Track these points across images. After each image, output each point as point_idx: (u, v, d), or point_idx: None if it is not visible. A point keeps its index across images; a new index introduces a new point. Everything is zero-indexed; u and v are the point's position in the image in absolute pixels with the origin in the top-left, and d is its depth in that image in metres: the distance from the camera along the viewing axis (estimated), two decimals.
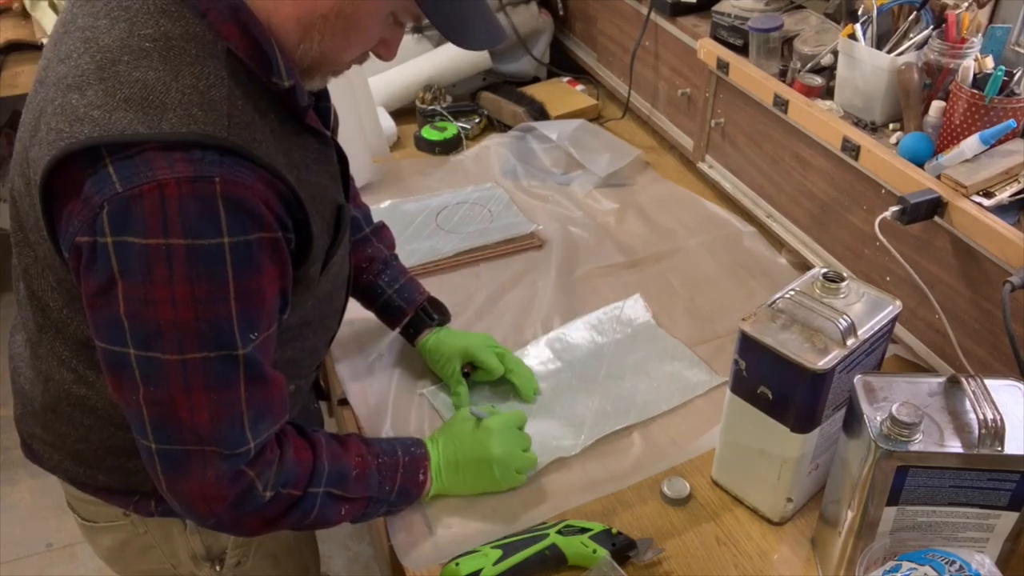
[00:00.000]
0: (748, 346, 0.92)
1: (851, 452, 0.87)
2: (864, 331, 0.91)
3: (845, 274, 0.95)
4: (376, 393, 1.20)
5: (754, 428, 0.95)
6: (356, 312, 1.22)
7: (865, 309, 0.93)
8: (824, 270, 0.96)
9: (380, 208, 1.56)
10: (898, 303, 0.95)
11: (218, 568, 1.06)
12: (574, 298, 1.37)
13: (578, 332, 1.29)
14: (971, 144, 1.07)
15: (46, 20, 2.15)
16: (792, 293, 0.94)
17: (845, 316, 0.90)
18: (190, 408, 0.76)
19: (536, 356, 1.25)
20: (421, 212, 1.56)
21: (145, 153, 0.70)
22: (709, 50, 1.48)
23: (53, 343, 0.87)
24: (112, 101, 0.70)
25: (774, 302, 0.94)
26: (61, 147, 0.71)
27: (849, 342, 0.89)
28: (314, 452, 0.89)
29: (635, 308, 1.34)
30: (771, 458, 0.96)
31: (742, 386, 0.95)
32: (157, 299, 0.72)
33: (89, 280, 0.73)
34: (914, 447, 0.81)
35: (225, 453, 0.79)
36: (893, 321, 0.95)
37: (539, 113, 1.82)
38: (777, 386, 0.92)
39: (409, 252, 1.43)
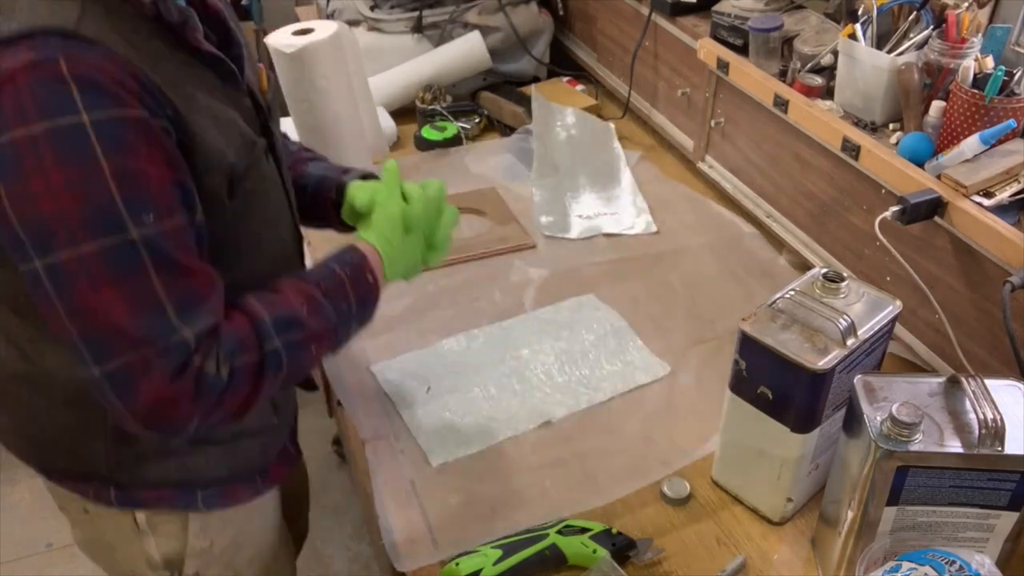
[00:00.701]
0: (748, 346, 0.92)
1: (851, 452, 0.87)
2: (864, 331, 0.91)
3: (845, 274, 0.95)
4: (371, 390, 1.20)
5: (754, 428, 0.95)
6: None
7: (865, 309, 0.93)
8: (824, 270, 0.96)
9: None
10: (898, 303, 0.95)
11: None
12: (570, 296, 1.37)
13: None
14: (971, 144, 1.07)
15: None
16: (792, 293, 0.94)
17: (845, 316, 0.90)
18: (105, 308, 0.73)
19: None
20: None
21: None
22: (709, 50, 1.48)
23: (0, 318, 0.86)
24: None
25: (774, 302, 0.94)
26: None
27: (849, 342, 0.89)
28: (247, 312, 0.83)
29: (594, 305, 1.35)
30: (771, 458, 0.96)
31: (742, 386, 0.95)
32: (36, 192, 0.70)
33: None
34: (914, 447, 0.81)
35: (160, 348, 0.75)
36: (893, 321, 0.95)
37: None
38: (777, 386, 0.92)
39: None
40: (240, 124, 0.87)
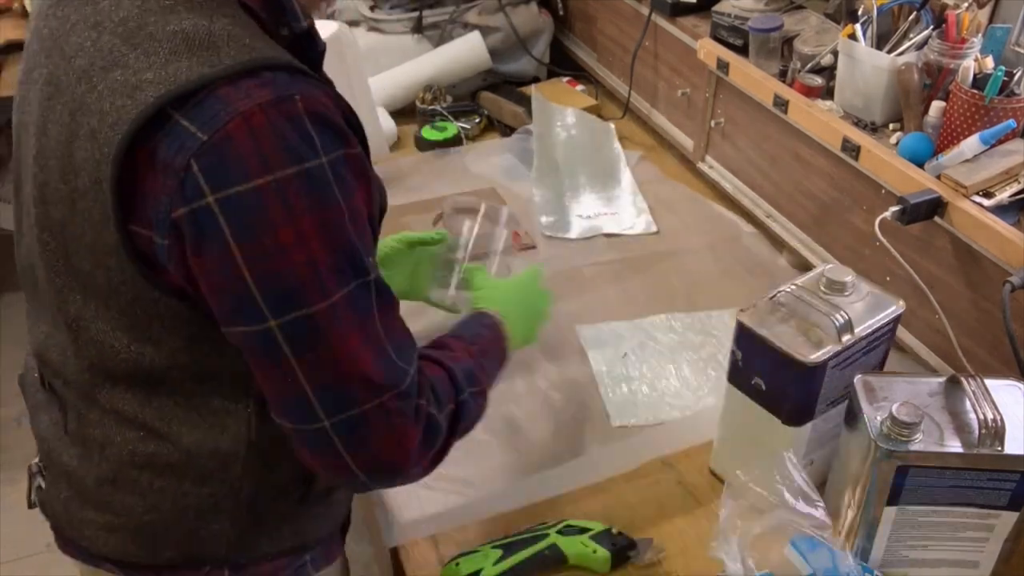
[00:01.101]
0: (744, 336, 0.93)
1: (851, 452, 0.87)
2: (862, 329, 0.91)
3: (850, 273, 0.95)
4: None
5: (749, 418, 0.96)
6: None
7: (866, 308, 0.93)
8: (830, 267, 0.96)
9: None
10: (901, 304, 0.94)
11: None
12: (571, 296, 1.37)
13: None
14: (971, 144, 1.07)
15: None
16: (793, 287, 0.94)
17: (843, 312, 0.90)
18: (351, 356, 0.69)
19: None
20: None
21: (215, 92, 0.63)
22: (709, 50, 1.48)
23: (111, 399, 0.78)
24: (159, 59, 0.64)
25: (775, 295, 0.94)
26: (130, 122, 0.63)
27: (845, 338, 0.89)
28: (440, 364, 0.83)
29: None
30: (764, 449, 0.96)
31: (738, 376, 0.96)
32: (285, 244, 0.65)
33: (203, 258, 0.65)
34: (914, 447, 0.81)
35: (399, 393, 0.72)
36: (895, 321, 0.94)
37: None
38: (770, 377, 0.92)
39: None
40: None
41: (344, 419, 0.71)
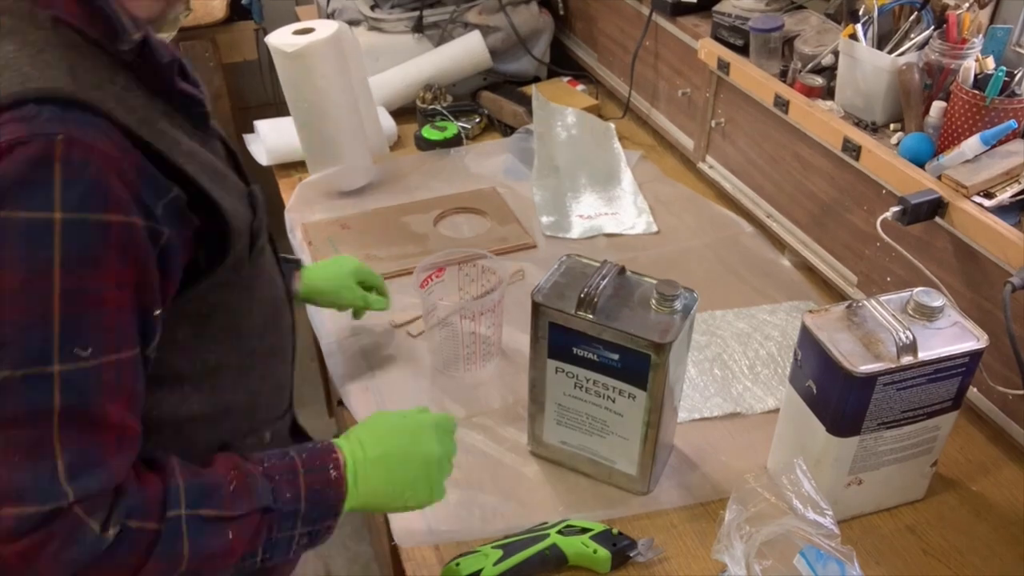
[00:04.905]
0: (805, 338, 0.93)
1: None
2: (928, 354, 0.88)
3: (941, 298, 0.92)
4: (376, 390, 1.20)
5: (799, 421, 0.96)
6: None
7: (944, 336, 0.90)
8: (920, 290, 0.93)
9: None
10: (984, 339, 0.90)
11: None
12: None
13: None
14: (972, 145, 1.07)
15: None
16: (876, 300, 0.92)
17: (908, 333, 0.87)
18: None
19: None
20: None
21: None
22: (710, 50, 1.48)
23: None
24: None
25: (854, 304, 0.93)
26: None
27: (905, 359, 0.87)
28: (163, 473, 0.70)
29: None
30: (807, 455, 0.95)
31: (796, 377, 0.96)
32: None
33: None
34: None
35: (27, 503, 0.61)
36: (972, 356, 0.90)
37: None
38: (820, 382, 0.91)
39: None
40: (229, 176, 0.78)
41: None
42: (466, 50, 1.87)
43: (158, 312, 0.68)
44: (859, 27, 1.24)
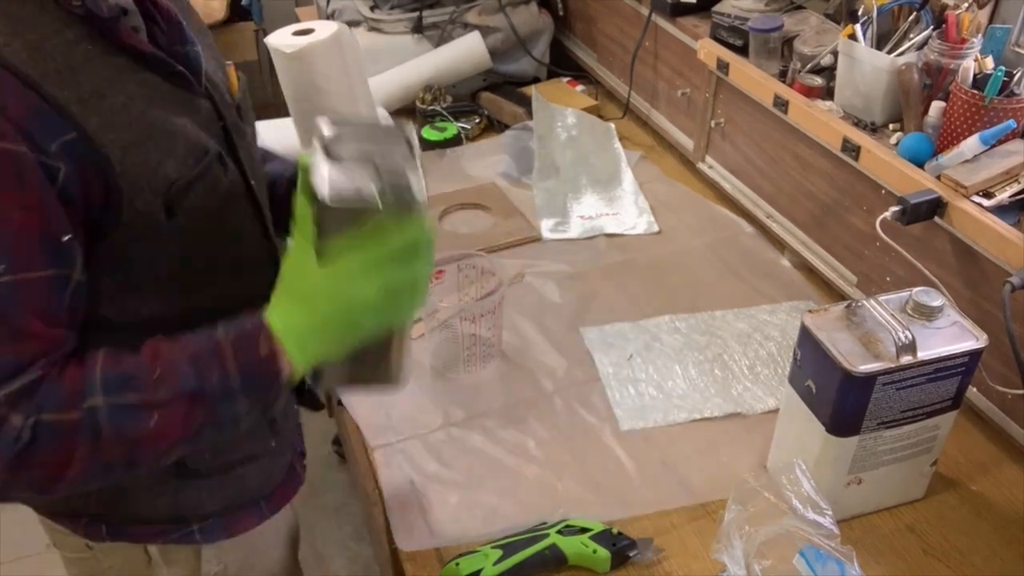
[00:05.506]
0: (804, 338, 0.93)
1: None
2: (928, 354, 0.88)
3: (940, 298, 0.92)
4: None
5: (799, 421, 0.96)
6: None
7: (944, 336, 0.90)
8: (919, 289, 0.93)
9: None
10: (984, 339, 0.90)
11: None
12: (574, 297, 1.37)
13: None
14: (971, 144, 1.07)
15: None
16: (875, 300, 0.92)
17: (908, 332, 0.87)
18: None
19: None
20: None
21: None
22: (709, 50, 1.48)
23: None
24: None
25: (853, 303, 0.93)
26: None
27: (904, 359, 0.87)
28: (83, 365, 0.71)
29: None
30: (806, 455, 0.95)
31: (795, 377, 0.96)
32: None
33: None
34: None
35: None
36: (971, 355, 0.90)
37: None
38: (819, 381, 0.92)
39: None
40: (188, 131, 0.79)
41: None
42: (466, 51, 1.87)
43: (67, 238, 0.70)
44: (858, 27, 1.24)
